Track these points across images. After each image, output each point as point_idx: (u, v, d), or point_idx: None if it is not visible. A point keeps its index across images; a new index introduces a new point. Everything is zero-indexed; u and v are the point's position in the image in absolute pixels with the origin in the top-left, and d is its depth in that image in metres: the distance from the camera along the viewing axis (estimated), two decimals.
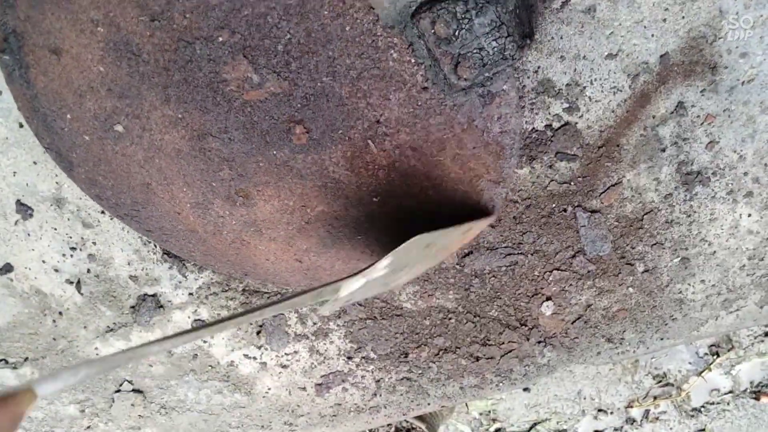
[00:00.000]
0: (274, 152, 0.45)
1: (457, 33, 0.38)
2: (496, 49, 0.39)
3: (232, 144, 0.44)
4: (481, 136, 0.44)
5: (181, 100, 0.41)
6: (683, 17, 0.51)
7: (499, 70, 0.40)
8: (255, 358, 0.74)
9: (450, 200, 0.48)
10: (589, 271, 0.64)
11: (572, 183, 0.60)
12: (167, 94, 0.41)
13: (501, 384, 0.73)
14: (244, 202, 0.49)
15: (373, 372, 0.73)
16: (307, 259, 0.53)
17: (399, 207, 0.48)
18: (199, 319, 0.71)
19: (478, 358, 0.71)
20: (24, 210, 0.65)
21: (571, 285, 0.65)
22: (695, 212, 0.61)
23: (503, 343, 0.69)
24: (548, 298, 0.66)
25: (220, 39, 0.38)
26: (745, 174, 0.59)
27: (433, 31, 0.39)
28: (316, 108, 0.43)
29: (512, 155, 0.44)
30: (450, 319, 0.68)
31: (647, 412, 0.81)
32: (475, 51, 0.39)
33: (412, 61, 0.41)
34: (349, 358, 0.72)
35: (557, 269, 0.64)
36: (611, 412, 0.81)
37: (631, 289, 0.66)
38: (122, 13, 0.38)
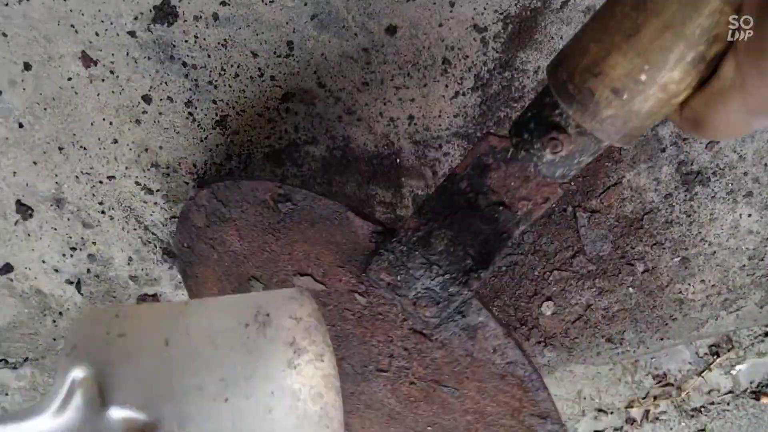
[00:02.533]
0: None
1: (400, 278, 0.40)
2: (438, 287, 0.39)
3: None
4: (489, 368, 0.44)
5: None
6: None
7: (457, 305, 0.40)
8: None
9: None
10: (589, 271, 0.64)
11: (572, 183, 0.60)
12: None
13: None
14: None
15: None
16: None
17: None
18: None
19: None
20: (24, 210, 0.65)
21: (571, 285, 0.65)
22: (695, 212, 0.61)
23: None
24: (548, 298, 0.66)
25: None
26: (745, 174, 0.59)
27: (381, 279, 0.40)
28: (347, 347, 0.49)
29: (538, 387, 0.43)
30: None
31: (647, 412, 0.81)
32: (423, 291, 0.40)
33: (387, 304, 0.44)
34: None
35: (557, 269, 0.64)
36: (611, 412, 0.81)
37: (631, 289, 0.66)
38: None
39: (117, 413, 0.30)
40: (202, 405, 0.31)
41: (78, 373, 0.30)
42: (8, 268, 0.68)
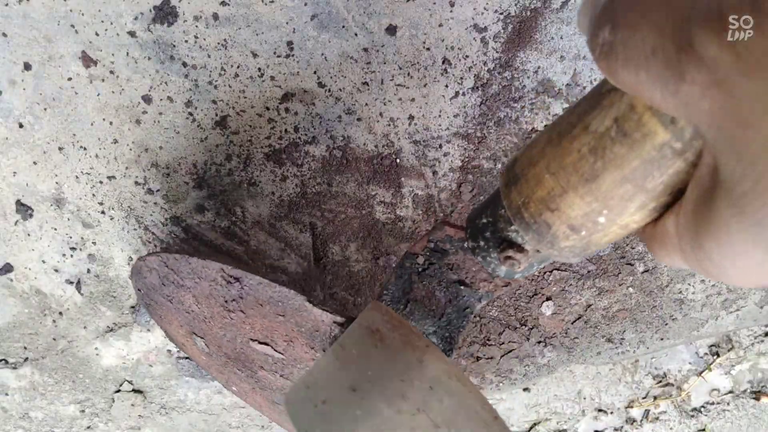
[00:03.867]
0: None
1: None
2: None
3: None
4: None
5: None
6: None
7: None
8: None
9: None
10: (589, 271, 0.64)
11: None
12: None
13: (501, 384, 0.73)
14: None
15: None
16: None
17: None
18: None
19: (478, 358, 0.71)
20: (24, 210, 0.65)
21: (571, 285, 0.65)
22: None
23: (503, 343, 0.69)
24: (548, 298, 0.66)
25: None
26: None
27: None
28: None
29: None
30: None
31: (647, 412, 0.81)
32: None
33: None
34: None
35: (557, 269, 0.64)
36: (611, 412, 0.81)
37: (631, 289, 0.66)
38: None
39: None
40: None
41: None
42: (8, 268, 0.68)
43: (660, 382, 0.79)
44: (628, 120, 0.22)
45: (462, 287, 0.36)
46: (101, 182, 0.63)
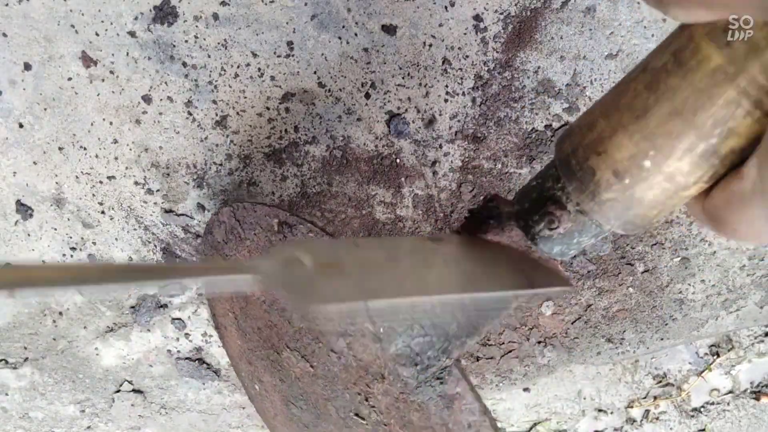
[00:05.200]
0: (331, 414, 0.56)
1: (383, 330, 0.40)
2: (417, 348, 0.39)
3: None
4: None
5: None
6: None
7: (435, 371, 0.39)
8: None
9: None
10: (589, 271, 0.64)
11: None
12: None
13: (501, 384, 0.73)
14: None
15: None
16: None
17: None
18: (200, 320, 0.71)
19: (478, 358, 0.71)
20: (24, 210, 0.65)
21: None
22: None
23: (503, 343, 0.69)
24: (548, 298, 0.66)
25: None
26: None
27: (366, 326, 0.41)
28: (332, 388, 0.51)
29: None
30: None
31: (647, 412, 0.81)
32: (403, 349, 0.40)
33: (370, 354, 0.44)
34: None
35: None
36: (611, 412, 0.81)
37: (631, 289, 0.66)
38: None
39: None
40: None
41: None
42: None
43: (660, 382, 0.79)
44: (685, 49, 0.23)
45: None
46: (101, 182, 0.63)
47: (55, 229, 0.66)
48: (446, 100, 0.57)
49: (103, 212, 0.65)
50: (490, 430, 0.41)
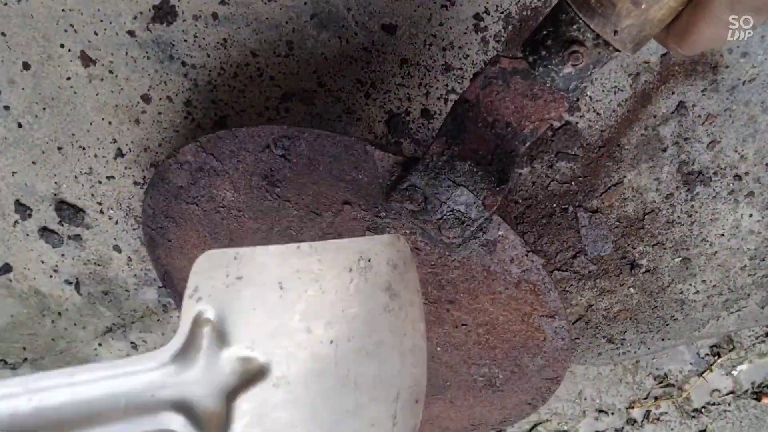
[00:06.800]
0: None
1: (424, 204, 0.41)
2: (464, 207, 0.41)
3: None
4: (505, 279, 0.46)
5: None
6: None
7: (480, 222, 0.42)
8: None
9: (511, 341, 0.49)
10: (590, 272, 0.64)
11: (573, 183, 0.59)
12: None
13: None
14: None
15: None
16: None
17: (467, 357, 0.51)
18: None
19: None
20: (23, 210, 0.65)
21: (572, 285, 0.65)
22: (696, 212, 0.61)
23: None
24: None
25: None
26: (747, 174, 0.59)
27: (404, 207, 0.42)
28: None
29: (549, 289, 0.45)
30: None
31: (648, 412, 0.81)
32: (448, 213, 0.41)
33: (407, 232, 0.45)
34: None
35: (558, 269, 0.64)
36: (612, 413, 0.81)
37: (632, 290, 0.65)
38: None
39: (234, 353, 0.31)
40: (310, 346, 0.32)
41: (202, 313, 0.31)
42: (7, 269, 0.68)
43: (661, 382, 0.79)
44: None
45: (509, 128, 0.39)
46: (100, 182, 0.63)
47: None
48: (446, 100, 0.57)
49: (102, 212, 0.64)
50: (532, 256, 0.43)
